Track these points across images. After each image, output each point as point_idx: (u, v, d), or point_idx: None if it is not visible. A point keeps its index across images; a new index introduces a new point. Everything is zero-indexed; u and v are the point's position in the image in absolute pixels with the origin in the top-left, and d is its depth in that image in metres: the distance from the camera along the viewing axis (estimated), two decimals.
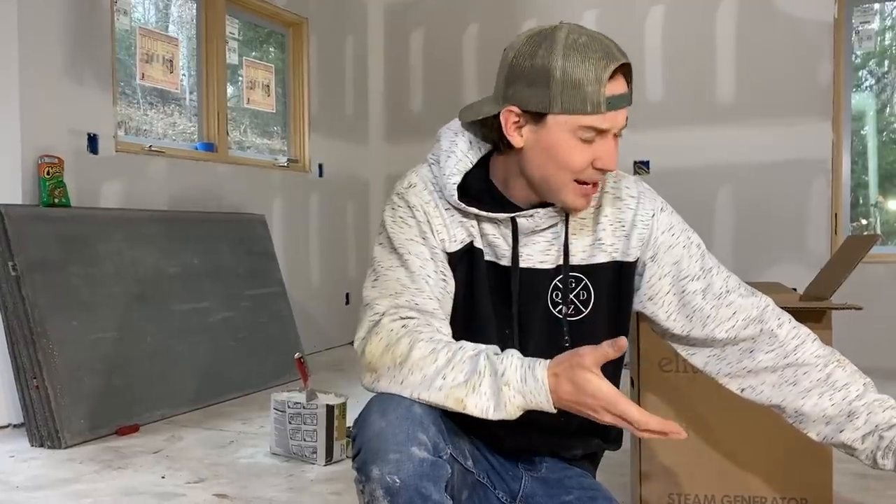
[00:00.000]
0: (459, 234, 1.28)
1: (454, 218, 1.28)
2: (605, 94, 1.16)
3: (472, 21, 5.23)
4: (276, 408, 2.69)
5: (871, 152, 4.84)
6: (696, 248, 1.36)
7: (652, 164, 4.78)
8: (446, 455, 1.16)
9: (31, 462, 2.65)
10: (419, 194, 1.29)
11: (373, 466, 1.11)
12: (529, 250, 1.29)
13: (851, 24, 4.46)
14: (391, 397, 1.17)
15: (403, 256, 1.25)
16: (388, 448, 1.11)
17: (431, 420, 1.15)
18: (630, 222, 1.32)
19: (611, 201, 1.33)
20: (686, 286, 1.33)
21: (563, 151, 1.19)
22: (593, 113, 1.16)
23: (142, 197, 3.66)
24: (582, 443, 1.40)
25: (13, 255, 2.85)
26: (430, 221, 1.27)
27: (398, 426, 1.12)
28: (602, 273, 1.31)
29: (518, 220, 1.27)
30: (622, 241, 1.32)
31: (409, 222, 1.28)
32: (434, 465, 1.13)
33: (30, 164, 3.10)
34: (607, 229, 1.32)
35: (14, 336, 2.87)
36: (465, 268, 1.28)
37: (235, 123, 4.62)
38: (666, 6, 4.74)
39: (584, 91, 1.15)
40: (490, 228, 1.29)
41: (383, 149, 5.54)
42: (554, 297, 1.30)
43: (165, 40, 3.99)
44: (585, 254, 1.31)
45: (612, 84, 1.17)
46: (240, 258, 3.96)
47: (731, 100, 4.62)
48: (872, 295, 3.27)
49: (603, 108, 1.16)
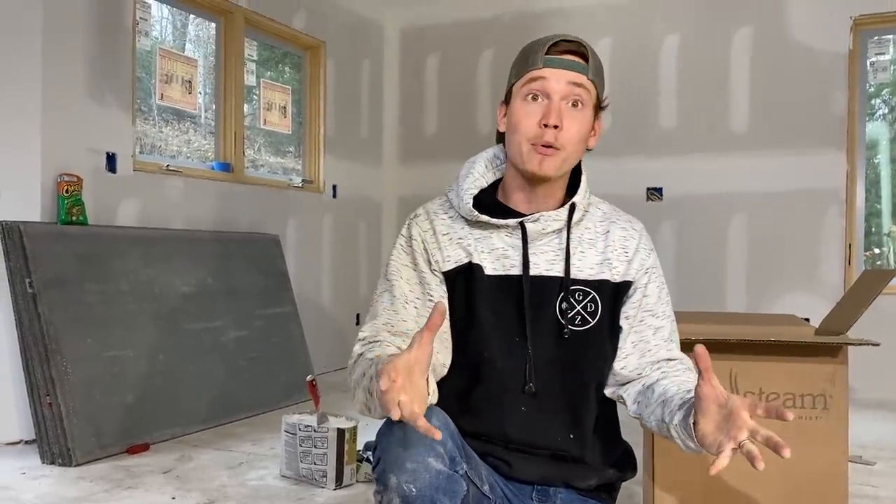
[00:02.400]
0: (455, 255, 1.40)
1: (451, 240, 1.40)
2: (544, 55, 1.34)
3: (487, 46, 5.27)
4: (287, 430, 2.69)
5: (885, 181, 4.84)
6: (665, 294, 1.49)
7: (665, 192, 4.79)
8: (462, 470, 1.20)
9: (42, 480, 2.65)
10: (420, 224, 1.44)
11: (391, 475, 1.15)
12: (537, 259, 1.38)
13: (866, 56, 4.48)
14: None
15: (392, 282, 1.41)
16: (406, 458, 1.15)
17: (449, 434, 1.20)
18: (634, 250, 1.44)
19: (618, 229, 1.45)
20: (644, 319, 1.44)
21: (517, 115, 1.36)
22: (533, 68, 1.35)
23: (158, 216, 3.69)
24: (595, 473, 1.41)
25: (31, 272, 2.88)
26: (427, 248, 1.41)
27: (417, 437, 1.16)
28: (607, 290, 1.41)
29: (526, 226, 1.38)
30: (624, 264, 1.43)
31: (406, 250, 1.43)
32: (450, 478, 1.16)
33: (49, 182, 3.14)
34: (614, 253, 1.43)
35: (29, 353, 2.88)
36: (464, 283, 1.38)
37: (250, 142, 4.66)
38: (681, 35, 4.77)
39: (528, 58, 1.37)
40: (500, 240, 1.39)
41: (397, 171, 5.57)
42: (562, 306, 1.37)
43: (185, 61, 4.04)
44: (594, 270, 1.41)
45: (557, 51, 1.35)
46: (253, 278, 3.98)
47: (746, 129, 4.63)
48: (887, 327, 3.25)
49: (540, 63, 1.34)
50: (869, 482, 2.71)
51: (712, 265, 4.65)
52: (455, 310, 1.38)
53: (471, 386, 1.37)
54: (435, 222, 1.43)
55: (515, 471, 1.37)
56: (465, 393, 1.37)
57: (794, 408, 1.79)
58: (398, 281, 1.39)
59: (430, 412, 1.21)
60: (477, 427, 1.36)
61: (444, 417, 1.23)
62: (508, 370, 1.36)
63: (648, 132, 4.83)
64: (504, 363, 1.36)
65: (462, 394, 1.37)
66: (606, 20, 4.91)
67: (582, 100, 1.34)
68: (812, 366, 1.79)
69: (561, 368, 1.37)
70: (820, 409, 1.78)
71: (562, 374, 1.37)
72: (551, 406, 1.37)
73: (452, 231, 1.41)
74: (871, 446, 3.19)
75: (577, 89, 1.34)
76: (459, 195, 1.42)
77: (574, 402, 1.39)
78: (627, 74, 4.81)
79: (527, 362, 1.35)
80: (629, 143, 4.85)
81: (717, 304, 4.56)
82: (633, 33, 4.86)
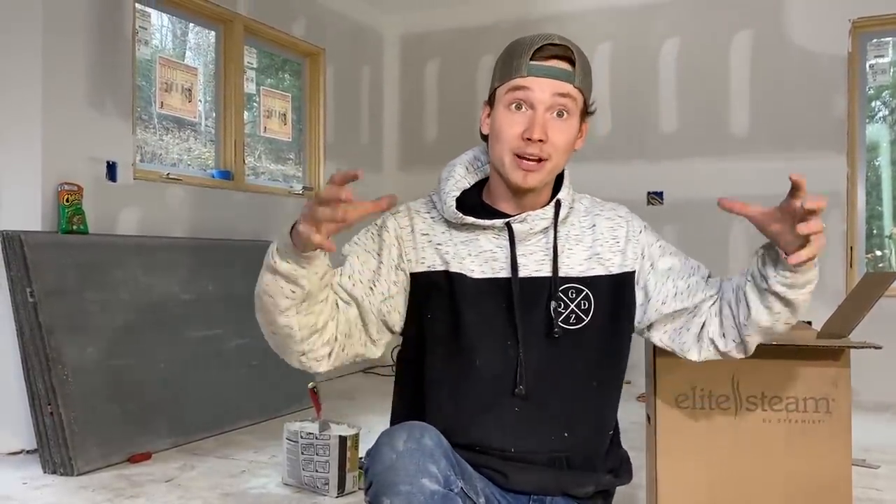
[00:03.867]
0: (430, 259, 1.36)
1: (430, 243, 1.38)
2: (529, 62, 1.29)
3: (486, 52, 5.28)
4: (289, 438, 2.69)
5: (886, 183, 4.84)
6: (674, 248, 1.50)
7: (666, 195, 4.79)
8: (457, 489, 1.18)
9: (44, 489, 2.65)
10: (398, 219, 1.40)
11: (384, 498, 1.13)
12: (526, 260, 1.36)
13: (865, 58, 4.48)
14: (402, 430, 1.20)
15: (346, 256, 1.38)
16: (398, 480, 1.13)
17: (442, 453, 1.17)
18: (624, 238, 1.42)
19: (604, 220, 1.43)
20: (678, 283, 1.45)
21: (500, 124, 1.32)
22: (516, 76, 1.29)
23: (159, 224, 3.69)
24: (591, 479, 1.40)
25: (31, 281, 2.88)
26: (401, 244, 1.38)
27: (409, 458, 1.14)
28: (601, 285, 1.38)
29: (513, 226, 1.35)
30: (618, 255, 1.41)
31: (374, 238, 1.40)
32: (445, 497, 1.14)
33: (50, 191, 3.14)
34: (604, 245, 1.40)
35: (30, 362, 2.88)
36: (447, 292, 1.35)
37: (250, 149, 4.66)
38: (681, 38, 4.77)
39: (511, 63, 1.31)
40: (488, 242, 1.36)
41: (397, 177, 5.57)
42: (554, 305, 1.35)
43: (185, 70, 4.05)
44: (583, 267, 1.38)
45: (542, 59, 1.29)
46: (254, 285, 3.96)
47: (746, 132, 4.63)
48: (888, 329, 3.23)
49: (524, 72, 1.29)
50: (873, 485, 2.70)
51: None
52: (433, 317, 1.35)
53: (462, 394, 1.35)
54: (415, 220, 1.40)
55: (512, 481, 1.34)
56: (456, 401, 1.35)
57: (796, 412, 1.78)
58: (353, 259, 1.37)
59: (423, 430, 1.20)
60: (471, 437, 1.33)
61: (436, 436, 1.21)
62: (500, 375, 1.33)
63: (649, 136, 4.83)
64: (496, 368, 1.33)
65: (454, 402, 1.35)
66: (606, 25, 4.92)
67: (567, 109, 1.30)
68: (814, 369, 1.78)
69: (555, 369, 1.35)
70: (823, 413, 1.77)
71: (556, 374, 1.35)
72: (546, 407, 1.35)
73: (432, 233, 1.39)
74: (875, 449, 3.18)
75: (563, 99, 1.29)
76: (442, 198, 1.39)
77: (570, 403, 1.36)
78: (627, 79, 4.81)
79: (517, 366, 1.33)
80: (630, 147, 4.85)
81: None
82: (633, 38, 4.87)
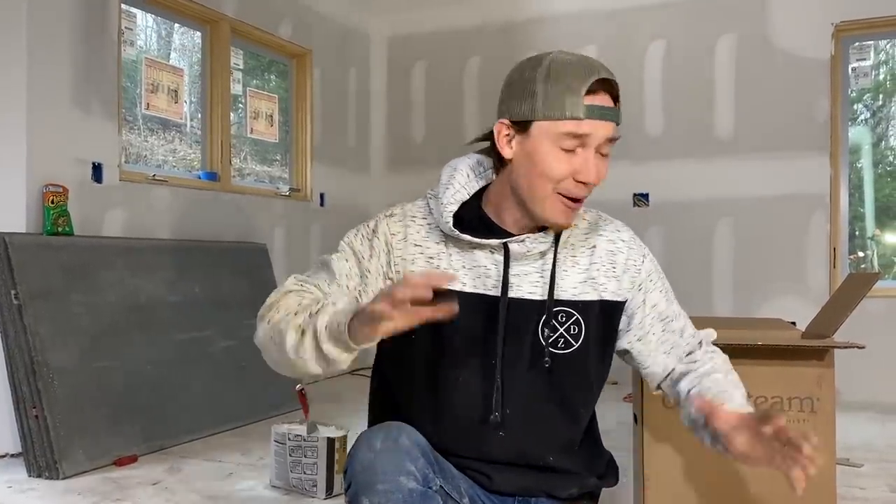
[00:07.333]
0: (419, 271, 1.32)
1: (423, 255, 1.33)
2: (585, 103, 1.21)
3: (473, 54, 5.29)
4: (277, 440, 2.68)
5: (868, 185, 4.88)
6: (670, 293, 1.46)
7: (651, 197, 4.81)
8: (436, 486, 1.18)
9: (29, 493, 2.63)
10: (392, 225, 1.35)
11: (363, 498, 1.14)
12: (519, 281, 1.32)
13: (848, 61, 4.52)
14: (379, 430, 1.20)
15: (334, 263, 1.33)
16: (377, 479, 1.13)
17: (420, 452, 1.18)
18: (622, 265, 1.38)
19: (604, 242, 1.39)
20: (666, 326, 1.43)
21: (544, 159, 1.24)
22: (571, 119, 1.21)
23: (144, 226, 3.67)
24: (576, 482, 1.40)
25: (16, 283, 2.86)
26: (391, 252, 1.33)
27: (387, 458, 1.14)
28: (592, 310, 1.35)
29: (510, 246, 1.31)
30: (613, 281, 1.37)
31: (365, 244, 1.35)
32: (424, 495, 1.15)
33: (35, 192, 3.12)
34: (601, 269, 1.36)
35: (14, 365, 2.86)
36: None
37: (236, 150, 4.65)
38: (666, 41, 4.80)
39: (563, 99, 1.21)
40: (482, 258, 1.32)
41: (385, 179, 5.57)
42: (543, 329, 1.32)
43: (170, 71, 4.03)
44: (577, 290, 1.34)
45: (593, 95, 1.22)
46: (241, 287, 3.96)
47: (731, 134, 4.67)
48: (871, 329, 3.27)
49: (581, 114, 1.21)
50: (857, 484, 2.72)
51: (699, 270, 4.68)
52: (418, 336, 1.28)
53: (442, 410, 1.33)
54: (410, 228, 1.35)
55: (496, 483, 1.34)
56: (436, 416, 1.33)
57: (781, 411, 1.80)
58: (342, 263, 1.33)
59: (400, 430, 1.20)
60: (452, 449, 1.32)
61: (414, 434, 1.21)
62: (482, 395, 1.31)
63: (634, 138, 4.85)
64: (477, 388, 1.31)
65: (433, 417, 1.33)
66: (591, 27, 4.94)
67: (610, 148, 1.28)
68: (799, 369, 1.80)
69: (541, 394, 1.32)
70: (807, 412, 1.79)
71: (541, 399, 1.33)
72: (529, 431, 1.33)
73: (425, 245, 1.34)
74: (859, 448, 3.21)
75: (612, 142, 1.27)
76: (439, 209, 1.33)
77: (554, 426, 1.35)
78: None
79: (495, 391, 1.30)
80: (615, 149, 4.83)
81: (704, 309, 4.57)
82: (618, 40, 4.89)
